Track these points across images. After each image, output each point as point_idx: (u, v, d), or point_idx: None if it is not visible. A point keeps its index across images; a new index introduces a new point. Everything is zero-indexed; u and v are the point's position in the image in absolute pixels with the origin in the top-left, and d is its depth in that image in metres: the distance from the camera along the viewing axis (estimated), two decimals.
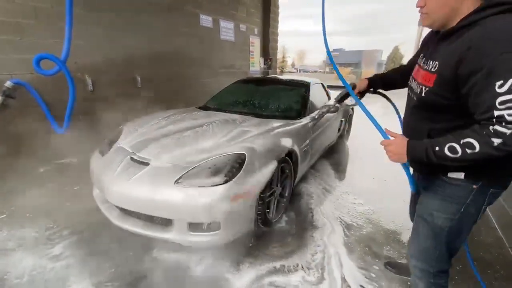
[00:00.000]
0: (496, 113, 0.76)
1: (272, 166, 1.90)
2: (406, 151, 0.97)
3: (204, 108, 3.19)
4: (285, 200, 2.28)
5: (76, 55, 3.23)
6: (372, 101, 2.11)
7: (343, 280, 1.64)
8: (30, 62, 3.17)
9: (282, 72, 24.43)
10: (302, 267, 1.75)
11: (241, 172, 1.70)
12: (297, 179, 2.50)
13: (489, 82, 0.76)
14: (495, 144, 0.77)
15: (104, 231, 2.05)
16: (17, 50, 3.10)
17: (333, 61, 1.38)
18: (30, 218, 2.24)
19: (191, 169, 1.73)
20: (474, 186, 0.97)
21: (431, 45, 1.02)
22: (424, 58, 1.04)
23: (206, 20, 5.65)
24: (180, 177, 1.69)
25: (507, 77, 0.74)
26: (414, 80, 1.07)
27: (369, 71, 26.43)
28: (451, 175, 1.00)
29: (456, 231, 1.05)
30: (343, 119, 4.09)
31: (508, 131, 0.75)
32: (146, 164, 1.87)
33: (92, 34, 3.70)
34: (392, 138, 1.04)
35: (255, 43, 7.53)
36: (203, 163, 1.75)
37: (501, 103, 0.75)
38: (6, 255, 1.81)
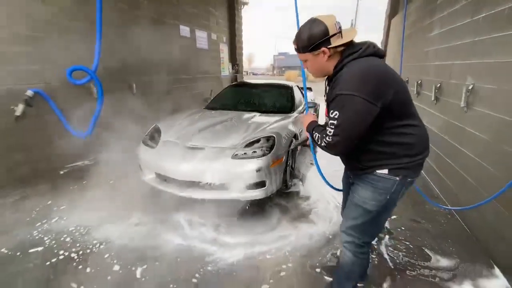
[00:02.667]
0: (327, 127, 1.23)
1: (289, 143, 2.79)
2: (305, 125, 1.47)
3: (212, 108, 3.87)
4: (293, 169, 3.18)
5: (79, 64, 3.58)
6: None
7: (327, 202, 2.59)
8: (42, 73, 3.48)
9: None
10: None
11: (274, 147, 2.53)
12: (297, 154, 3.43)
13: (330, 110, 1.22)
14: (321, 144, 1.28)
15: (161, 200, 2.65)
16: (31, 61, 3.32)
17: (304, 76, 1.90)
18: (90, 204, 2.68)
19: (240, 148, 2.49)
20: (397, 178, 1.24)
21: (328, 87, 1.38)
22: (326, 97, 1.35)
23: (184, 31, 6.20)
24: (236, 154, 2.44)
25: (334, 109, 1.17)
26: None
27: None
28: (379, 172, 1.26)
29: (381, 213, 1.34)
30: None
31: (327, 142, 1.22)
32: (202, 148, 2.55)
33: (88, 45, 3.99)
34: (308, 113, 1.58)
35: (224, 50, 8.27)
36: (248, 143, 2.53)
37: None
38: (97, 229, 2.30)
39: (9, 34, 3.06)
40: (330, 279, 1.74)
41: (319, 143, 1.30)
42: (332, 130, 1.18)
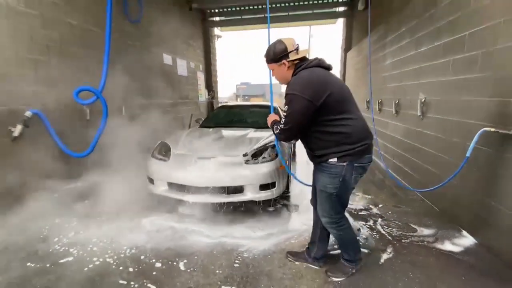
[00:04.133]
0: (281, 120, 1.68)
1: (289, 149, 3.23)
2: (269, 121, 1.87)
3: (206, 126, 4.17)
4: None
5: (72, 90, 3.69)
6: None
7: None
8: (42, 94, 3.51)
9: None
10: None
11: (279, 154, 2.94)
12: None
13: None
14: (276, 131, 1.73)
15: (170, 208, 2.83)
16: (32, 83, 3.35)
17: (272, 101, 2.46)
18: (101, 218, 2.75)
19: (250, 155, 2.83)
20: (344, 164, 1.60)
21: None
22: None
23: (167, 59, 6.55)
24: (247, 160, 2.78)
25: (286, 104, 1.62)
26: None
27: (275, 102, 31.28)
28: (330, 161, 1.63)
29: (341, 193, 1.68)
30: None
31: (280, 128, 1.67)
32: (214, 157, 2.84)
33: (83, 69, 4.11)
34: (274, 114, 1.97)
35: (201, 78, 8.73)
36: (257, 152, 2.90)
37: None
38: (120, 238, 2.39)
39: (12, 56, 3.11)
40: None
41: (276, 132, 1.75)
42: (284, 120, 1.64)
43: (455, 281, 1.79)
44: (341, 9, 8.40)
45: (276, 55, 1.69)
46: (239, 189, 2.74)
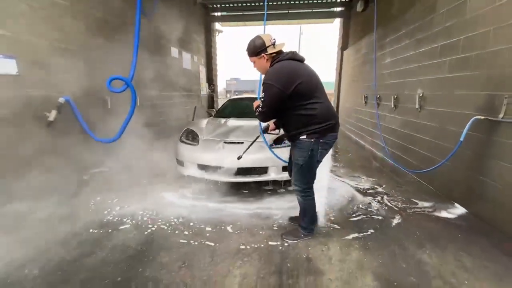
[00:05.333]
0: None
1: None
2: (254, 106, 2.04)
3: (221, 116, 4.44)
4: None
5: (97, 80, 3.89)
6: None
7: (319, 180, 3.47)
8: (70, 83, 3.68)
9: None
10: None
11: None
12: None
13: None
14: (256, 113, 2.00)
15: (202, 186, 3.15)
16: (62, 71, 3.52)
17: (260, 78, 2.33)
18: (139, 197, 3.02)
19: (274, 140, 3.18)
20: (312, 140, 1.92)
21: None
22: None
23: (174, 52, 6.74)
24: (271, 144, 3.13)
25: (263, 92, 1.89)
26: None
27: None
28: (301, 138, 1.95)
29: (308, 165, 1.99)
30: None
31: (259, 111, 1.95)
32: (241, 143, 3.17)
33: (102, 61, 4.28)
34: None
35: (203, 71, 8.93)
36: (276, 138, 3.24)
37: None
38: (164, 211, 2.71)
39: (46, 45, 3.28)
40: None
41: (256, 114, 2.02)
42: (261, 104, 1.94)
43: (452, 237, 2.24)
44: (339, 9, 8.83)
45: (256, 49, 1.96)
46: (264, 170, 3.10)
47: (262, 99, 1.93)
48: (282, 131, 2.37)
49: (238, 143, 3.17)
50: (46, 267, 1.81)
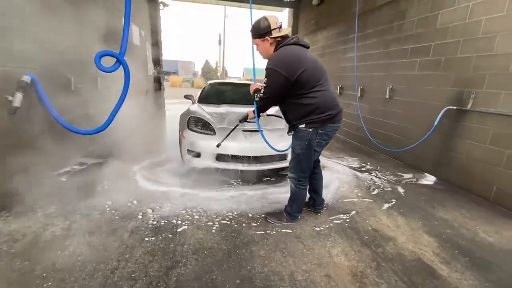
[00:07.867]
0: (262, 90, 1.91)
1: None
2: (251, 89, 2.09)
3: (207, 102, 4.10)
4: None
5: (60, 52, 3.09)
6: None
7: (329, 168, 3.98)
8: (34, 55, 2.79)
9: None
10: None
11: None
12: None
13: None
14: (256, 99, 1.99)
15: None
16: (25, 40, 2.58)
17: (255, 79, 2.77)
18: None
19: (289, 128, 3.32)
20: (310, 130, 1.90)
21: None
22: None
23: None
24: (288, 132, 3.25)
25: (266, 78, 1.81)
26: None
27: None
28: (300, 127, 1.93)
29: (305, 154, 1.98)
30: None
31: (260, 97, 1.92)
32: (258, 131, 3.17)
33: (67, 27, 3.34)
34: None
35: (149, 49, 7.84)
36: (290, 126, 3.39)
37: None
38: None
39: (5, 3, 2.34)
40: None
41: (256, 99, 1.98)
42: (263, 90, 1.87)
43: (443, 197, 2.99)
44: None
45: (260, 31, 1.87)
46: (283, 157, 3.21)
47: (264, 85, 1.84)
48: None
49: (256, 131, 3.14)
50: None
